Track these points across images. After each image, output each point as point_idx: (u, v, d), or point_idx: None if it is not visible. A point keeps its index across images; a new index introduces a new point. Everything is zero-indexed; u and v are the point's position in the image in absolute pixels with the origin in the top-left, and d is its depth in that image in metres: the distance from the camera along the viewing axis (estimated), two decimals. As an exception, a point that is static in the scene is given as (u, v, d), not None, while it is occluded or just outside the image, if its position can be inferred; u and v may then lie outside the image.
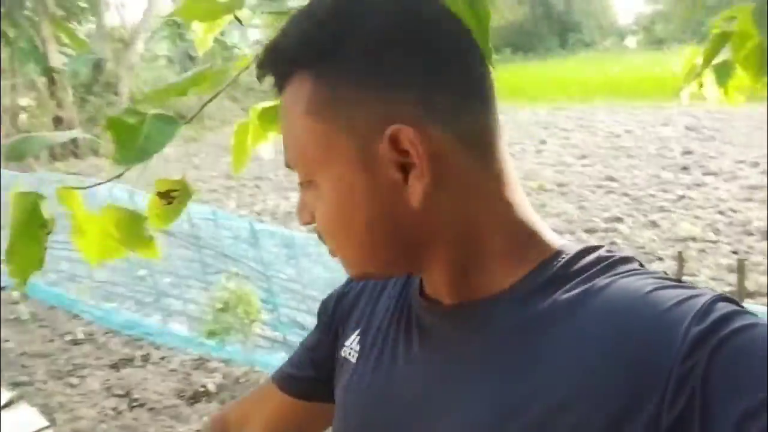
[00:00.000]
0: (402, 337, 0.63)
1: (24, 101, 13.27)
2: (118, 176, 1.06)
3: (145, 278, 4.58)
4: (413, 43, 0.51)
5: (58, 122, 12.36)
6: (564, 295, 0.50)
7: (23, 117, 12.82)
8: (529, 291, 0.52)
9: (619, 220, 6.36)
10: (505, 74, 19.36)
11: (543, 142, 10.55)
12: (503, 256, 0.54)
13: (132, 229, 1.03)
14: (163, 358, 3.76)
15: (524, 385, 0.48)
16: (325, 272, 4.23)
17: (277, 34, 0.55)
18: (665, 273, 0.51)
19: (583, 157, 9.26)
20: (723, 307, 0.43)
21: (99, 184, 1.20)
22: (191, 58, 18.60)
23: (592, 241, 5.77)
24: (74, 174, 10.37)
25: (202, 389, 3.31)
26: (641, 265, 0.52)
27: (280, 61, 0.55)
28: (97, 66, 13.39)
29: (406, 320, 0.64)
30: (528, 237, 0.54)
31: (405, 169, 0.51)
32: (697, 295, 0.45)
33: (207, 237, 4.17)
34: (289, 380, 0.77)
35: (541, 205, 6.95)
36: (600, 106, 13.82)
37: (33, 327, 4.37)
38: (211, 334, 3.40)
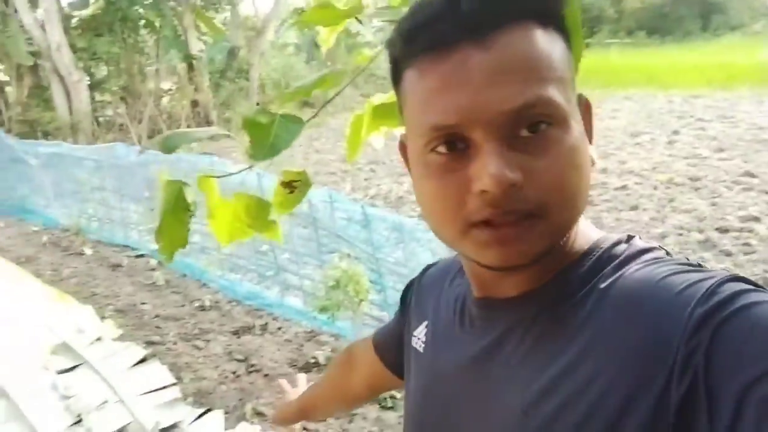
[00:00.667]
0: (459, 332, 0.67)
1: (166, 85, 14.45)
2: (249, 167, 1.18)
3: (266, 253, 4.87)
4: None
5: (195, 105, 13.35)
6: (599, 284, 0.54)
7: (165, 100, 13.97)
8: (569, 282, 0.56)
9: (756, 219, 5.83)
10: (639, 59, 18.22)
11: (676, 132, 9.83)
12: (567, 241, 0.57)
13: (258, 213, 1.14)
14: (279, 329, 4.01)
15: (557, 367, 0.52)
16: (432, 257, 4.29)
17: None
18: (687, 259, 0.54)
19: (721, 150, 8.54)
20: (730, 288, 0.46)
21: (231, 174, 1.33)
22: (317, 46, 19.28)
23: (725, 241, 5.38)
24: (208, 153, 11.19)
25: (313, 360, 3.49)
26: (667, 253, 0.56)
27: (507, 2, 0.52)
28: (231, 53, 14.21)
29: (461, 321, 0.67)
30: (580, 224, 0.58)
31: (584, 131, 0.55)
32: (707, 278, 0.48)
33: (323, 218, 4.36)
34: (378, 344, 0.91)
35: (670, 199, 6.53)
36: (744, 95, 12.63)
37: (167, 292, 4.80)
38: (323, 309, 3.58)
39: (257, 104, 14.33)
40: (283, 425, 1.15)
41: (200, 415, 2.97)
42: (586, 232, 0.59)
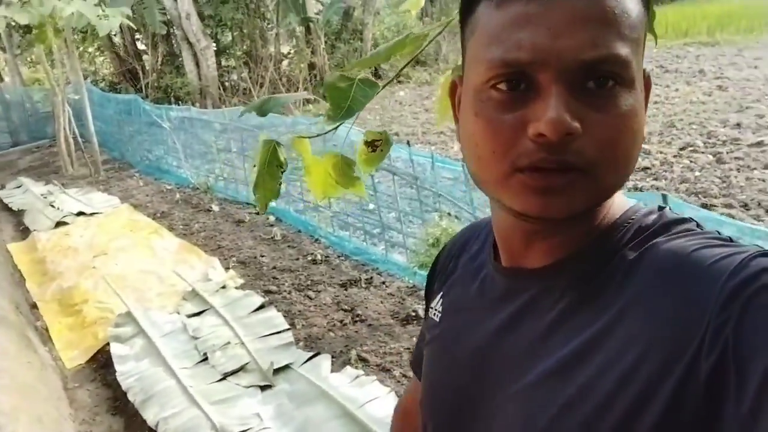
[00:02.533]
0: (478, 301, 0.66)
1: (285, 49, 14.98)
2: (335, 128, 1.30)
3: (373, 212, 5.07)
4: None
5: (311, 68, 13.75)
6: (630, 255, 0.53)
7: (284, 63, 14.51)
8: (601, 251, 0.55)
9: None
10: None
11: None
12: (600, 209, 0.56)
13: (344, 170, 1.26)
14: (383, 283, 4.20)
15: (588, 336, 0.52)
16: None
17: None
18: (718, 233, 0.53)
19: None
20: (761, 263, 0.45)
21: (323, 133, 1.46)
22: (431, 2, 19.05)
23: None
24: (323, 115, 11.56)
25: (413, 313, 3.65)
26: (698, 225, 0.55)
27: None
28: (347, 13, 14.38)
29: (480, 284, 0.67)
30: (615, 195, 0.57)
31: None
32: (738, 252, 0.47)
33: (427, 178, 4.45)
34: (414, 363, 0.86)
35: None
36: None
37: (283, 246, 5.15)
38: (423, 265, 3.70)
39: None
40: None
41: (310, 358, 3.24)
42: (620, 202, 0.58)
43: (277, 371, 3.14)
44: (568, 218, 0.52)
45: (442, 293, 0.75)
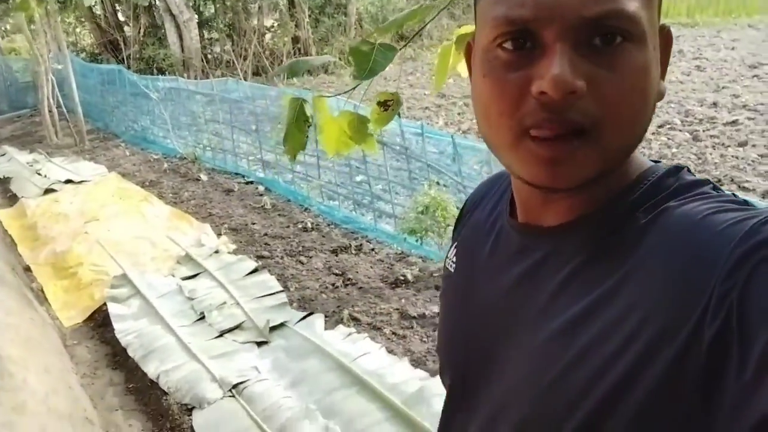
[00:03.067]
0: (492, 255, 0.67)
1: (268, 22, 14.87)
2: (351, 90, 1.43)
3: (362, 183, 5.20)
4: None
5: (295, 41, 13.69)
6: (643, 217, 0.53)
7: (267, 36, 14.42)
8: (614, 212, 0.55)
9: None
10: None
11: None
12: (618, 169, 0.55)
13: (359, 128, 1.39)
14: (372, 250, 4.35)
15: (596, 295, 0.52)
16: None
17: None
18: (734, 195, 0.52)
19: None
20: (766, 229, 0.44)
21: (339, 95, 1.58)
22: (415, -23, 18.96)
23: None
24: (307, 89, 11.58)
25: (402, 277, 3.80)
26: (715, 188, 0.54)
27: None
28: (330, -12, 14.34)
29: (494, 245, 0.67)
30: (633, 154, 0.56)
31: (660, 62, 0.54)
32: (750, 217, 0.46)
33: (415, 150, 4.58)
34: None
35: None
36: None
37: (274, 215, 5.26)
38: (412, 232, 3.85)
39: (354, 39, 14.48)
40: None
41: (304, 317, 3.38)
42: (638, 163, 0.57)
43: (272, 329, 3.28)
44: (578, 187, 0.52)
45: (456, 244, 0.76)
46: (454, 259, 0.74)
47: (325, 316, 3.41)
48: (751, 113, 7.13)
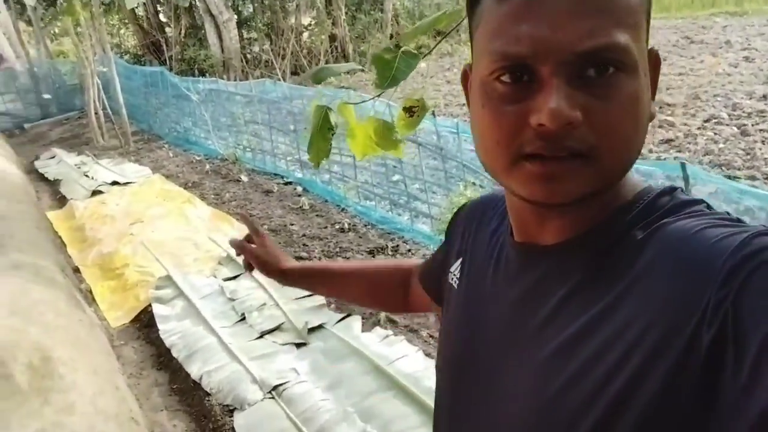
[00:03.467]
0: (494, 274, 0.69)
1: (306, 20, 14.99)
2: (378, 95, 1.44)
3: (398, 183, 5.21)
4: None
5: (332, 39, 13.77)
6: (640, 234, 0.55)
7: (305, 35, 14.54)
8: (611, 231, 0.57)
9: None
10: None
11: None
12: (613, 190, 0.58)
13: (385, 134, 1.40)
14: (409, 251, 4.35)
15: (595, 312, 0.54)
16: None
17: None
18: (727, 213, 0.54)
19: None
20: (759, 242, 0.46)
21: (366, 101, 1.59)
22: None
23: None
24: (345, 88, 11.65)
25: (439, 280, 3.80)
26: (708, 207, 0.56)
27: None
28: (367, -16, 14.37)
29: (496, 263, 0.70)
30: (627, 175, 0.59)
31: (650, 84, 0.56)
32: (742, 231, 0.48)
33: (451, 149, 4.56)
34: (422, 274, 0.97)
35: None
36: None
37: (311, 215, 5.32)
38: (449, 233, 3.83)
39: (390, 36, 14.47)
40: (263, 267, 1.13)
41: (342, 319, 3.42)
42: (632, 184, 0.59)
43: (311, 330, 3.33)
44: (574, 203, 0.54)
45: (461, 260, 0.77)
46: (458, 275, 0.76)
47: (362, 318, 3.43)
48: (807, 105, 6.87)
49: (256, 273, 1.17)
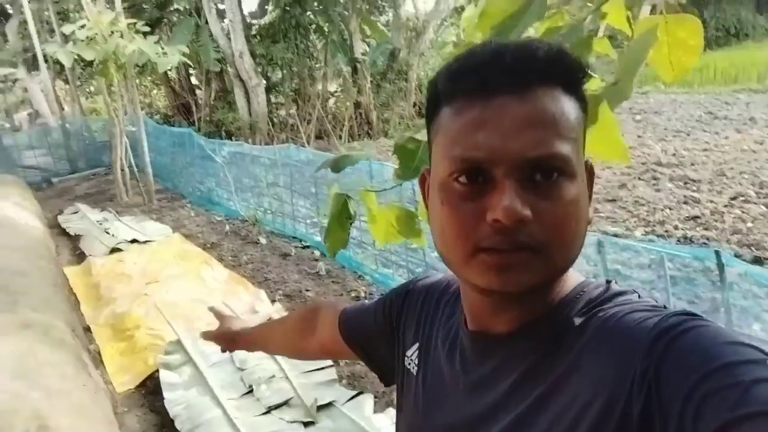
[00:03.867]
0: (450, 361, 0.74)
1: (332, 87, 15.38)
2: (398, 185, 1.37)
3: (416, 251, 5.12)
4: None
5: (357, 106, 14.06)
6: (579, 322, 0.62)
7: (331, 101, 14.88)
8: (556, 319, 0.64)
9: None
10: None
11: None
12: (556, 285, 0.65)
13: (407, 222, 1.34)
14: (426, 324, 4.22)
15: (543, 390, 0.61)
16: (587, 265, 4.26)
17: (526, 44, 0.60)
18: (655, 301, 0.62)
19: None
20: (674, 320, 0.55)
21: (387, 189, 1.53)
22: (476, 43, 19.31)
23: None
24: (364, 152, 11.79)
25: (457, 357, 3.65)
26: (639, 296, 0.64)
27: (554, 66, 0.59)
28: (392, 54, 14.72)
29: (451, 349, 0.75)
30: (568, 273, 0.66)
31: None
32: (658, 314, 0.57)
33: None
34: (345, 322, 1.00)
35: None
36: None
37: (327, 281, 5.23)
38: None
39: (414, 104, 14.74)
40: (224, 345, 1.33)
41: (353, 397, 3.27)
42: (573, 278, 0.67)
43: (320, 408, 3.18)
44: (526, 292, 0.59)
45: (418, 344, 0.82)
46: (417, 361, 0.80)
47: (375, 397, 3.28)
48: None
49: None
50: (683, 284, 4.53)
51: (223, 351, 1.35)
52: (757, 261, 5.03)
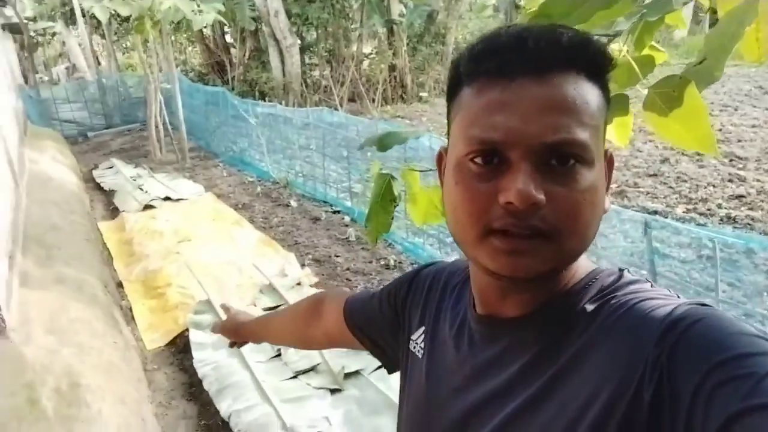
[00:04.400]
0: (457, 344, 0.73)
1: (367, 49, 15.10)
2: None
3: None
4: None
5: (392, 69, 13.80)
6: (590, 309, 0.62)
7: (365, 63, 14.64)
8: (566, 305, 0.63)
9: None
10: None
11: None
12: (568, 272, 0.64)
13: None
14: (456, 296, 4.16)
15: (551, 377, 0.60)
16: (624, 242, 4.12)
17: (547, 29, 0.60)
18: (669, 291, 0.61)
19: None
20: (686, 309, 0.55)
21: (430, 169, 1.44)
22: (517, 7, 18.73)
23: None
24: (400, 117, 11.61)
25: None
26: (651, 285, 0.63)
27: (577, 52, 0.58)
28: (430, 17, 14.36)
29: (458, 333, 0.74)
30: (580, 259, 0.65)
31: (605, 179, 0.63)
32: (670, 303, 0.57)
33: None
34: (349, 311, 0.99)
35: None
36: None
37: (357, 248, 5.19)
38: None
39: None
40: (230, 337, 1.31)
41: (379, 367, 3.23)
42: (585, 266, 0.66)
43: (347, 376, 3.16)
44: (535, 278, 0.59)
45: (424, 328, 0.82)
46: (422, 345, 0.80)
47: (403, 367, 3.24)
48: None
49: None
50: (724, 265, 4.36)
51: (231, 346, 1.35)
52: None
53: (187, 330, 3.81)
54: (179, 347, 3.77)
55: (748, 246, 4.13)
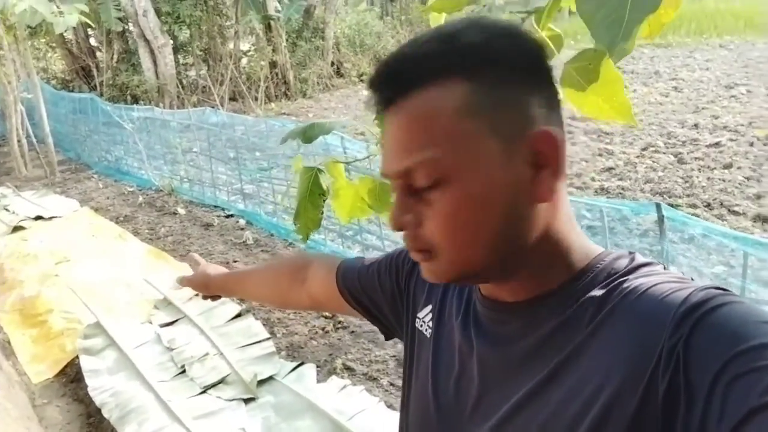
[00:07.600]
0: (464, 324, 0.73)
1: (245, 46, 14.69)
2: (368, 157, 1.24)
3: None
4: (535, 54, 0.60)
5: (273, 66, 13.53)
6: (598, 293, 0.59)
7: (244, 61, 14.24)
8: (573, 291, 0.61)
9: None
10: (736, 4, 16.93)
11: (777, 83, 9.17)
12: (560, 258, 0.63)
13: (380, 196, 1.23)
14: (361, 289, 4.15)
15: (558, 363, 0.59)
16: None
17: (400, 50, 0.60)
18: (682, 274, 0.61)
19: (826, 102, 7.91)
20: (703, 295, 0.52)
21: (358, 160, 1.39)
22: (391, 1, 19.01)
23: None
24: (285, 114, 11.42)
25: (396, 320, 3.61)
26: (664, 267, 0.62)
27: (422, 66, 0.57)
28: (307, 12, 14.21)
29: (465, 314, 0.73)
30: (573, 244, 0.63)
31: (536, 166, 0.58)
32: (686, 288, 0.54)
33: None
34: (344, 279, 0.95)
35: (768, 158, 6.16)
36: None
37: (256, 251, 5.03)
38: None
39: (332, 63, 14.38)
40: (200, 291, 1.27)
41: (294, 368, 3.15)
42: (584, 249, 0.64)
43: (260, 383, 3.05)
44: (455, 281, 0.64)
45: (431, 306, 0.80)
46: (430, 324, 0.79)
47: (317, 366, 3.19)
48: (733, 134, 7.15)
49: (198, 317, 1.19)
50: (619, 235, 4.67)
51: (205, 298, 1.30)
52: (671, 208, 5.28)
53: (77, 357, 3.51)
54: (70, 376, 3.46)
55: (622, 213, 4.47)
